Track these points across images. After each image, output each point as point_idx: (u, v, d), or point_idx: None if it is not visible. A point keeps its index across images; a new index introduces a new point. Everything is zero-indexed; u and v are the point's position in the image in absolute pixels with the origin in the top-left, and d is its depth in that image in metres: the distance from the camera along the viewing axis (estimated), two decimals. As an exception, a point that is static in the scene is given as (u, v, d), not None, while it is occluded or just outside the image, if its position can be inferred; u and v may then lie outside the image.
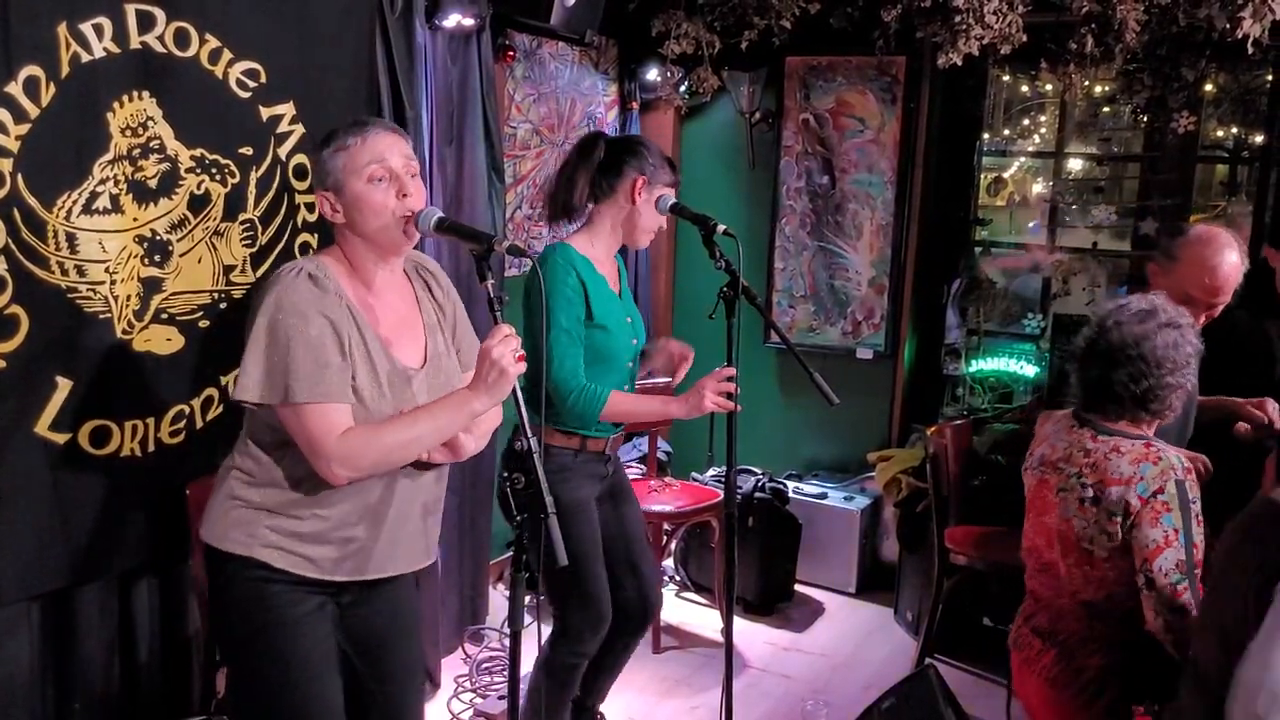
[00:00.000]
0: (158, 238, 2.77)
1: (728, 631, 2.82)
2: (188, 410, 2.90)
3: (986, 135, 5.20)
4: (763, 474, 4.85)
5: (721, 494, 4.36)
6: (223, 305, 2.94)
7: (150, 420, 2.80)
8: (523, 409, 2.04)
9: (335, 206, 2.14)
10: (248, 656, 2.19)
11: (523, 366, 2.03)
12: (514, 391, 2.04)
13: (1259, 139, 4.76)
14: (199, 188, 2.85)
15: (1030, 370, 5.09)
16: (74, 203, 2.57)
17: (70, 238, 2.57)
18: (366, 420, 2.10)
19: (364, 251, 2.18)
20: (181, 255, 2.84)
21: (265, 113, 3.00)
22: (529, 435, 1.97)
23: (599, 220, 2.97)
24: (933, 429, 4.32)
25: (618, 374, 2.99)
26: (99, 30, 2.57)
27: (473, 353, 2.37)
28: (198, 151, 2.84)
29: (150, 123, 2.71)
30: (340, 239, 2.20)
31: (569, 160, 2.98)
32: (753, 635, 4.46)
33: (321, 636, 2.21)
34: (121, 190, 2.67)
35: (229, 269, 2.97)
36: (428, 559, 2.37)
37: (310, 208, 3.13)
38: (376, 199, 2.11)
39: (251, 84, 2.95)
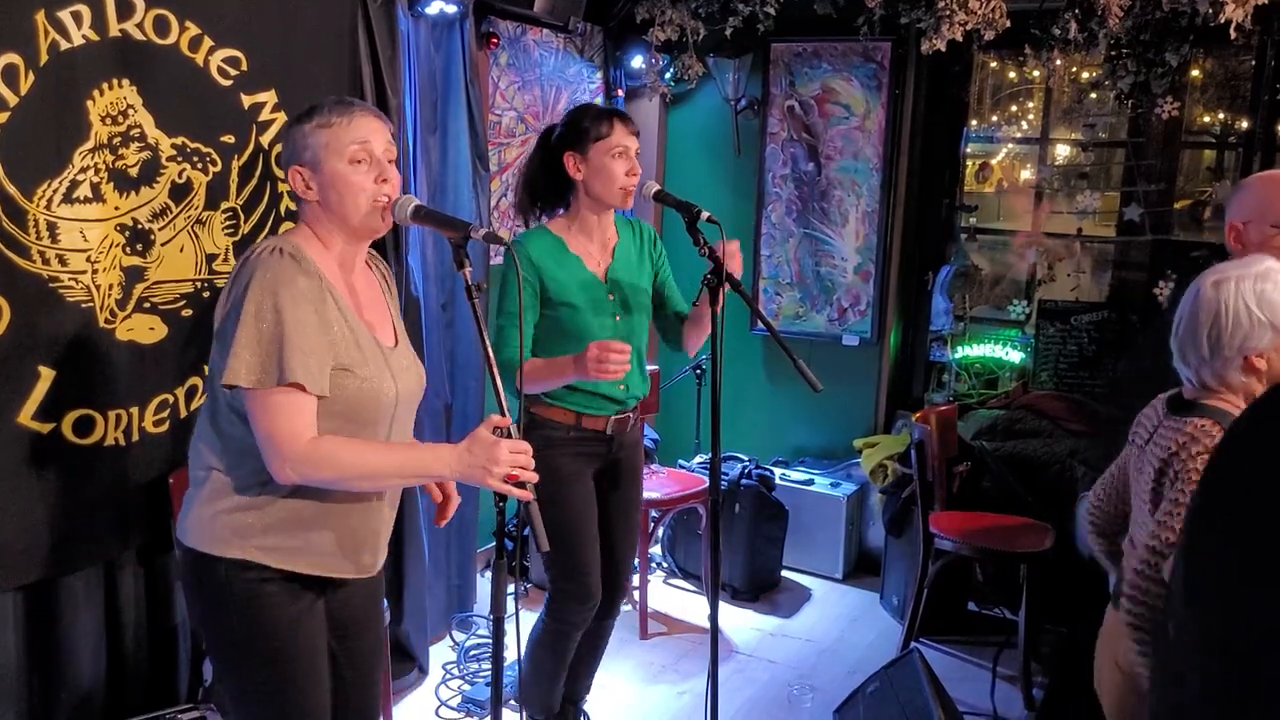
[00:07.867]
0: (139, 226, 2.76)
1: (714, 617, 2.82)
2: (171, 399, 2.89)
3: (974, 122, 5.20)
4: (749, 461, 4.86)
5: (708, 481, 4.37)
6: (205, 294, 2.93)
7: (134, 409, 2.80)
8: (502, 394, 2.04)
9: (310, 184, 2.11)
10: (245, 658, 2.11)
11: (509, 489, 2.00)
12: (492, 374, 2.04)
13: (1244, 124, 4.77)
14: (180, 176, 2.84)
15: (1015, 356, 5.11)
16: (54, 192, 2.56)
17: (51, 227, 2.56)
18: (359, 393, 2.07)
19: (335, 232, 2.14)
20: (163, 244, 2.83)
21: (247, 100, 2.99)
22: (509, 420, 1.98)
23: (573, 200, 3.04)
24: (918, 415, 4.34)
25: None
26: (78, 18, 2.55)
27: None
28: (179, 140, 2.83)
29: (130, 111, 2.70)
30: (310, 218, 2.15)
31: (529, 162, 3.10)
32: (739, 621, 4.48)
33: (315, 633, 2.18)
34: (102, 179, 2.66)
35: (211, 258, 2.96)
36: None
37: (294, 196, 3.11)
38: (355, 180, 2.08)
39: (233, 71, 2.93)
